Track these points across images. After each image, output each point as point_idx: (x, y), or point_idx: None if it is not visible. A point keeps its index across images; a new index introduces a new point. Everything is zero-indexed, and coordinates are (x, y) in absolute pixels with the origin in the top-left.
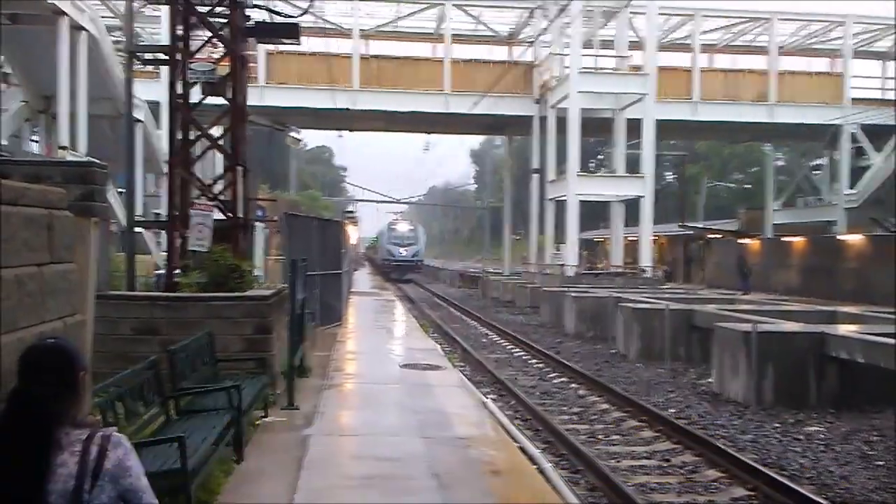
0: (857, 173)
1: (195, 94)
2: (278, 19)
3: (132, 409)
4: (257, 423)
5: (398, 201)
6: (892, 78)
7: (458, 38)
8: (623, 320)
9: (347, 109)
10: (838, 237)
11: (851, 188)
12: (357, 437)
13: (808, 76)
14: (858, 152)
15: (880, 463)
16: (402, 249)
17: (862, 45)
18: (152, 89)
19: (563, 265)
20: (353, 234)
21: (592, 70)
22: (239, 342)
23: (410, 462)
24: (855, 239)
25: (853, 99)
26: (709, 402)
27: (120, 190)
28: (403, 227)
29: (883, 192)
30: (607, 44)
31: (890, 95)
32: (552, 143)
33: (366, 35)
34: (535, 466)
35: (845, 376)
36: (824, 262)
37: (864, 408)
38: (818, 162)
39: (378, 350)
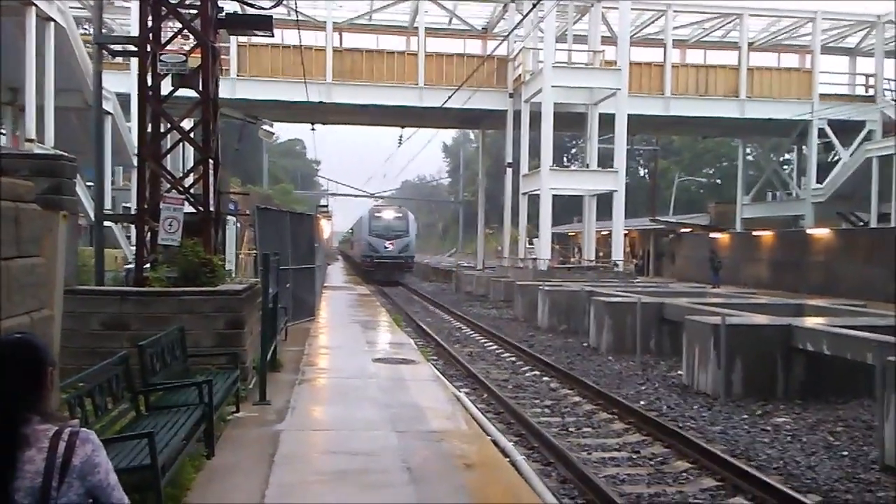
0: (824, 168)
1: (166, 86)
2: (251, 11)
3: (101, 404)
4: (229, 418)
5: (372, 195)
6: (860, 74)
7: (433, 32)
8: (595, 314)
9: (321, 103)
10: (806, 231)
11: (819, 183)
12: (330, 432)
13: (778, 72)
14: (826, 147)
15: (845, 453)
16: (387, 243)
17: (831, 42)
18: (122, 81)
19: (536, 259)
20: (327, 228)
21: (566, 65)
22: (210, 337)
23: (383, 456)
24: (822, 233)
25: (822, 95)
26: (679, 395)
27: (89, 183)
28: (389, 215)
29: (850, 188)
30: (581, 39)
31: (858, 91)
32: (525, 137)
33: (339, 28)
34: (507, 459)
35: (812, 368)
36: (792, 255)
37: (829, 399)
38: (787, 157)
39: (351, 344)
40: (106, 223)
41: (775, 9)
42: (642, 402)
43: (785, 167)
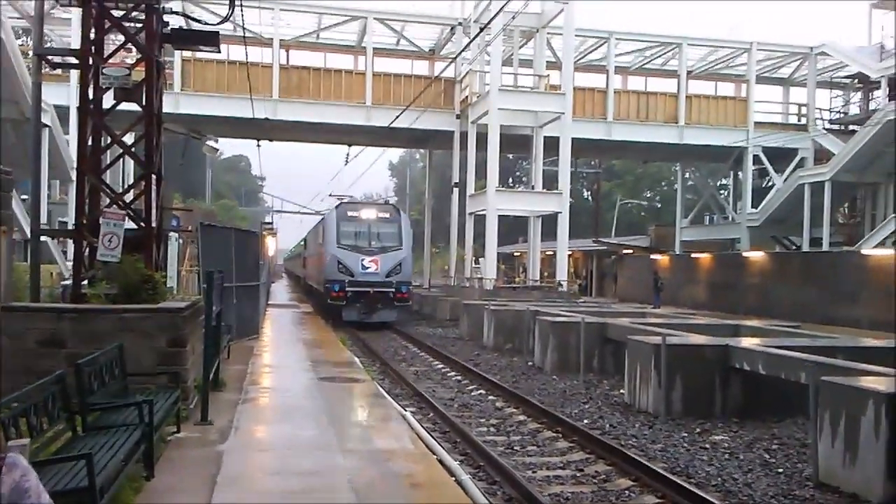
0: (759, 193)
1: (108, 100)
2: (197, 26)
3: (36, 425)
4: (169, 438)
5: (317, 213)
6: (793, 103)
7: (380, 52)
8: (540, 333)
9: (266, 119)
10: (742, 254)
11: (754, 208)
12: (273, 452)
13: (716, 100)
14: (761, 173)
15: (780, 470)
16: (368, 260)
17: (765, 72)
18: (61, 93)
19: (482, 278)
20: (272, 245)
21: (512, 88)
22: (151, 355)
23: (329, 476)
24: (757, 256)
25: (757, 122)
26: (621, 413)
27: (24, 197)
28: (371, 215)
29: (783, 212)
30: (526, 62)
31: (791, 120)
32: (472, 157)
33: (286, 45)
34: (453, 479)
35: (748, 387)
36: (729, 278)
37: (765, 417)
38: (724, 182)
39: (295, 363)
40: (42, 238)
41: (713, 39)
42: (586, 421)
43: (722, 192)
